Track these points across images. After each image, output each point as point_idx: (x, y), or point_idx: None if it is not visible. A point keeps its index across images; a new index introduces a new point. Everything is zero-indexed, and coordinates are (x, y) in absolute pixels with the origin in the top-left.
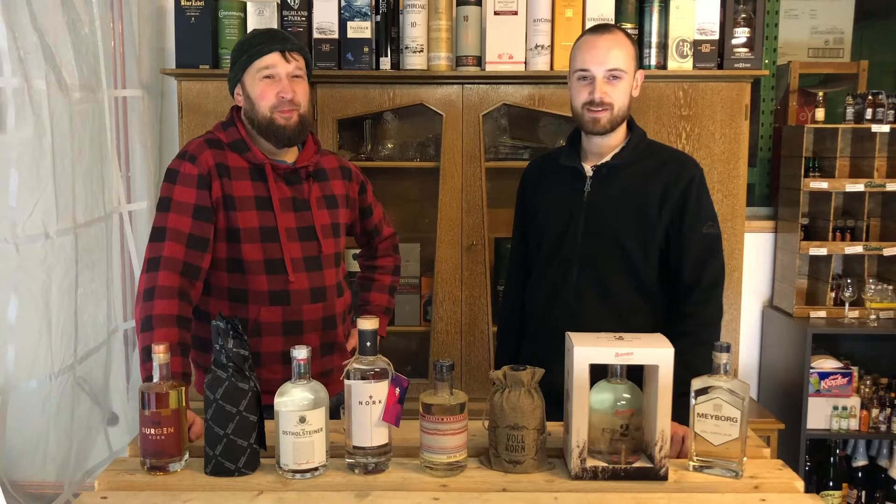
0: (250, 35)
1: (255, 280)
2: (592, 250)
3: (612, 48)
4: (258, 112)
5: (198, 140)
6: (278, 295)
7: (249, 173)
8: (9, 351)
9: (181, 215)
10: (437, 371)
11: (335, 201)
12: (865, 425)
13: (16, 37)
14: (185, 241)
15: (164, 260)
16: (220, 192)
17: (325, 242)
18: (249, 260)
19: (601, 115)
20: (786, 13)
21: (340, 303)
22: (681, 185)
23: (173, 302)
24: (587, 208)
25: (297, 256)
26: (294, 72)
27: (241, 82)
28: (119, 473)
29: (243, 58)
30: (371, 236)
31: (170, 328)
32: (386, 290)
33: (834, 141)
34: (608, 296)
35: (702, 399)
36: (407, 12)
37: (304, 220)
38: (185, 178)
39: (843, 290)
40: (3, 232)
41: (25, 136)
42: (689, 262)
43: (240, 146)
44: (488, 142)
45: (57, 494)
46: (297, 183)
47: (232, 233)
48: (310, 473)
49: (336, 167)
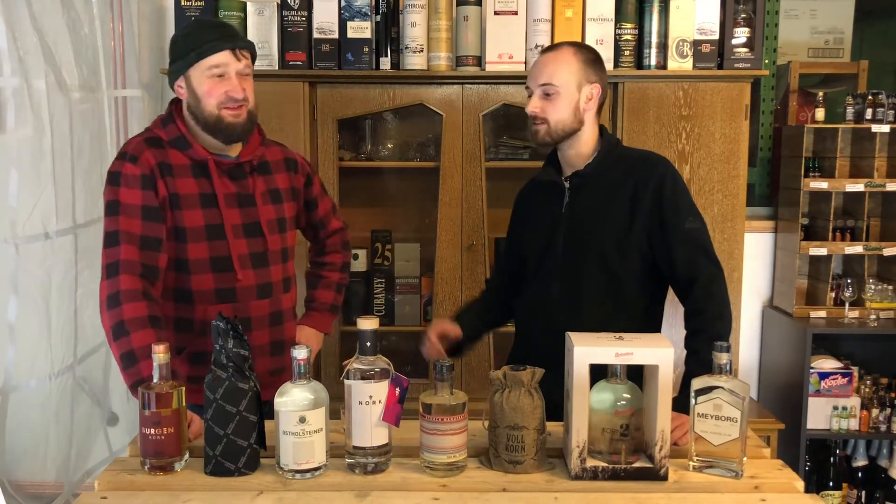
0: (197, 28)
1: (201, 279)
2: (573, 261)
3: (549, 64)
4: (204, 109)
5: (136, 139)
6: (225, 293)
7: (192, 170)
8: (9, 351)
9: (130, 217)
10: (437, 371)
11: (279, 195)
12: (865, 425)
13: (16, 37)
14: (138, 242)
15: (122, 264)
16: (166, 191)
17: (271, 238)
18: (195, 259)
19: (539, 127)
20: (786, 13)
21: (287, 299)
22: (651, 186)
23: (141, 304)
24: (566, 220)
25: (243, 253)
26: (243, 70)
27: (185, 75)
28: (119, 473)
29: (192, 53)
30: (316, 230)
31: (146, 330)
32: (332, 287)
33: (834, 141)
34: (587, 304)
35: (702, 399)
36: (407, 12)
37: (250, 216)
38: (128, 179)
39: (844, 290)
40: (2, 232)
41: (25, 135)
42: (679, 261)
43: (181, 143)
44: (488, 142)
45: (57, 494)
46: (241, 178)
47: (178, 232)
48: (310, 473)
49: (280, 159)
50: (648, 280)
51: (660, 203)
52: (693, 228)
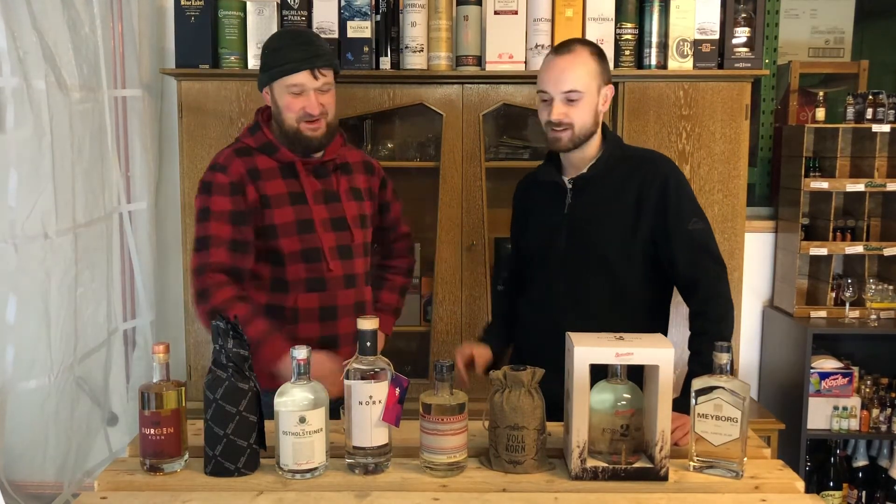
0: (280, 42)
1: (295, 269)
2: (576, 261)
3: (568, 69)
4: (285, 121)
5: (226, 151)
6: (315, 282)
7: (280, 172)
8: (8, 351)
9: (221, 223)
10: (437, 371)
11: (360, 194)
12: (866, 425)
13: (16, 37)
14: (227, 245)
15: (210, 265)
16: (256, 194)
17: (356, 232)
18: (288, 252)
19: (562, 134)
20: (786, 13)
21: (369, 290)
22: (656, 186)
23: (229, 289)
24: (569, 221)
25: (332, 245)
26: (322, 87)
27: (269, 87)
28: (119, 473)
29: (275, 69)
30: (386, 232)
31: (235, 305)
32: (397, 290)
33: (834, 141)
34: (591, 305)
35: (702, 399)
36: (407, 12)
37: (336, 211)
38: (219, 187)
39: (844, 290)
40: (2, 232)
41: (25, 135)
42: (682, 262)
43: (268, 148)
44: (488, 142)
45: (56, 494)
46: (325, 176)
47: (270, 229)
48: (310, 473)
49: (360, 161)
50: (653, 280)
51: (664, 203)
52: (697, 229)
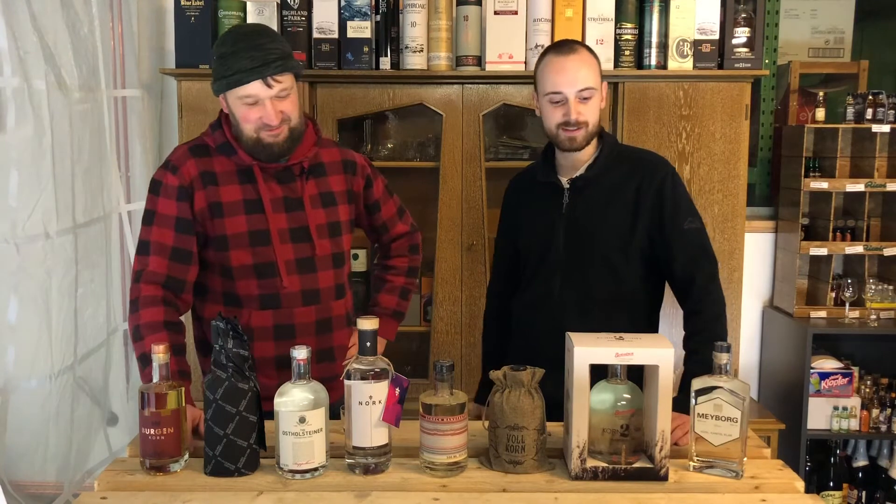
0: (226, 47)
1: (245, 284)
2: (574, 261)
3: (581, 68)
4: (243, 132)
5: (182, 148)
6: (268, 298)
7: (237, 176)
8: (9, 351)
9: (164, 228)
10: (437, 371)
11: (333, 198)
12: (866, 425)
13: (16, 37)
14: (168, 254)
15: (146, 274)
16: (205, 201)
17: (320, 243)
18: (237, 265)
19: (577, 133)
20: (786, 13)
21: (339, 305)
22: (654, 187)
23: (158, 309)
24: (567, 221)
25: (289, 258)
26: (279, 94)
27: (223, 95)
28: (119, 474)
29: (223, 81)
30: (380, 233)
31: (158, 333)
32: (396, 291)
33: (834, 141)
34: (591, 304)
35: (702, 399)
36: (407, 12)
37: (298, 221)
38: (167, 189)
39: (844, 290)
40: (3, 232)
41: (25, 135)
42: (679, 261)
43: (226, 149)
44: (488, 142)
45: (57, 494)
46: (289, 181)
47: (220, 240)
48: (310, 474)
49: (337, 161)
50: (650, 280)
51: (661, 203)
52: (692, 229)
